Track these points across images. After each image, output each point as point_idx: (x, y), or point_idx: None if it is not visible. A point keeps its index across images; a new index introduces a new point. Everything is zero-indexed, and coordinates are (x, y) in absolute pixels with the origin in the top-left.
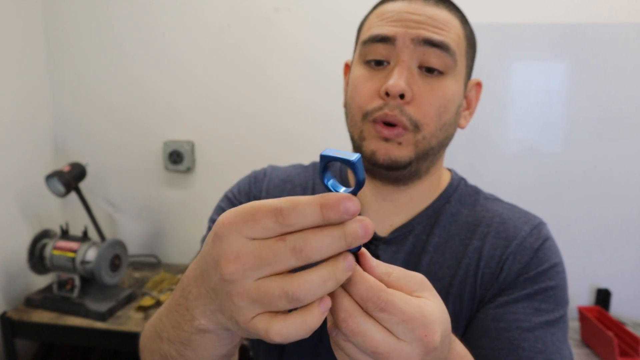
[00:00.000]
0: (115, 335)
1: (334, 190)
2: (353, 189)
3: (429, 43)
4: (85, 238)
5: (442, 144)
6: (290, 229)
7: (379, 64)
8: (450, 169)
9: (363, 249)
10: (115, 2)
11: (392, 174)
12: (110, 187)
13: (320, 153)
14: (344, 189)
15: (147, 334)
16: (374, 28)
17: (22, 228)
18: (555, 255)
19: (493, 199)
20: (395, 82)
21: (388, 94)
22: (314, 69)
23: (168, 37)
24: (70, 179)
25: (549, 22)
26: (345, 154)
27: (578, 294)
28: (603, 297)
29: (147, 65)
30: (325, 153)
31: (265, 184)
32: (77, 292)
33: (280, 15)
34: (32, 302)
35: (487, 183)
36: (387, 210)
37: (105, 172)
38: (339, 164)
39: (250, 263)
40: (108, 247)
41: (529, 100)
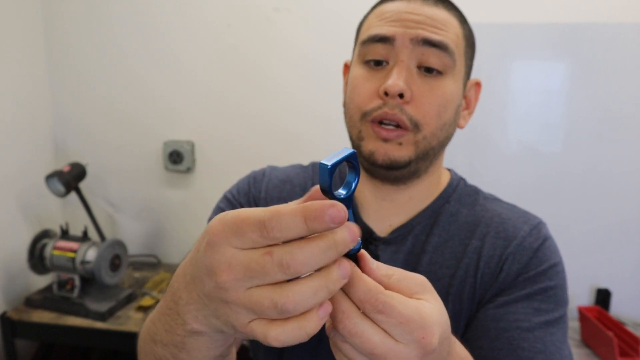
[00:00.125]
0: (115, 335)
1: (341, 196)
2: (355, 181)
3: (428, 43)
4: (85, 238)
5: (442, 144)
6: (276, 242)
7: (378, 64)
8: (450, 169)
9: (363, 251)
10: (115, 2)
11: (391, 174)
12: (110, 187)
13: (323, 165)
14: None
15: (142, 337)
16: (373, 28)
17: (22, 228)
18: (555, 255)
19: (492, 199)
20: (394, 81)
21: (387, 94)
22: (314, 69)
23: (168, 37)
24: (70, 179)
25: (549, 22)
26: (341, 153)
27: (578, 294)
28: (603, 297)
29: (147, 65)
30: (329, 162)
31: (265, 185)
32: (77, 292)
33: (280, 15)
34: (32, 302)
35: (486, 183)
36: (386, 210)
37: (105, 172)
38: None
39: (241, 274)
40: (108, 247)
41: (529, 100)
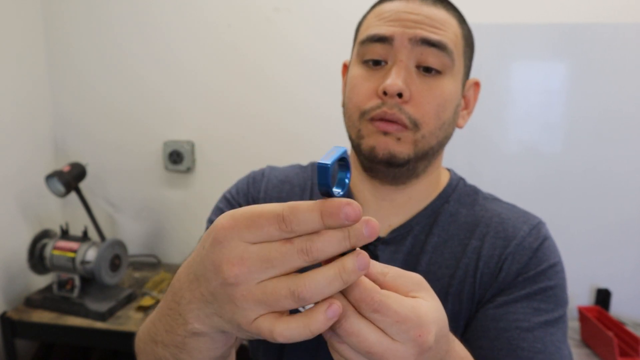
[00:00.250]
0: (115, 335)
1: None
2: (347, 178)
3: (427, 43)
4: (85, 238)
5: (441, 144)
6: (292, 235)
7: (377, 64)
8: (449, 169)
9: (358, 249)
10: (115, 2)
11: (390, 172)
12: (110, 187)
13: (323, 165)
14: (342, 188)
15: (141, 338)
16: (372, 28)
17: (22, 228)
18: (555, 255)
19: (492, 199)
20: (393, 81)
21: (386, 93)
22: (314, 69)
23: (168, 37)
24: (70, 179)
25: (549, 22)
26: (334, 151)
27: (578, 294)
28: (603, 297)
29: (147, 65)
30: (327, 161)
31: (264, 185)
32: (77, 292)
33: (280, 15)
34: (32, 302)
35: (486, 183)
36: (385, 210)
37: (105, 172)
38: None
39: (257, 266)
40: (108, 247)
41: (529, 100)
